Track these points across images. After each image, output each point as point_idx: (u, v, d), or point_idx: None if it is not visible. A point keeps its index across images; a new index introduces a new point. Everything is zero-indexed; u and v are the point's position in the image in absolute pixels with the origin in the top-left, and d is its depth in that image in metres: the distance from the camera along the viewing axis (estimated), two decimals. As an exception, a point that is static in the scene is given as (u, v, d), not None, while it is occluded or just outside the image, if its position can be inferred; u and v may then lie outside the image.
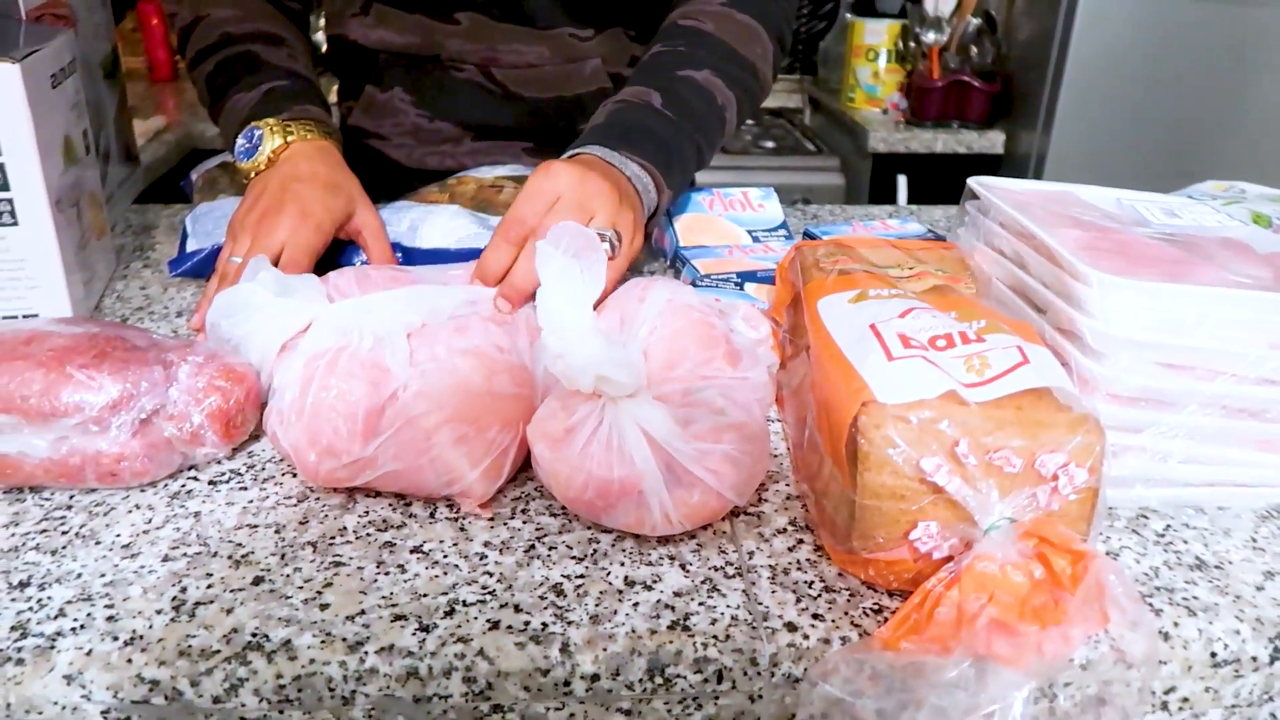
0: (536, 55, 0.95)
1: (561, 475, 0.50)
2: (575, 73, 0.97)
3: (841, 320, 0.51)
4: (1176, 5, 1.86)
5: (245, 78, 0.83)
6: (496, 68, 0.96)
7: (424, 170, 1.01)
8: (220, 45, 0.86)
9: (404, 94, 0.99)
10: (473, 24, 0.93)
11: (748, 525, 0.53)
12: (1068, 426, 0.43)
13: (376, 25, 0.96)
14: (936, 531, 0.45)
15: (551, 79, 0.97)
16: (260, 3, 0.90)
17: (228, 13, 0.87)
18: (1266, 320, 0.51)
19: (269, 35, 0.87)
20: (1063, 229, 0.59)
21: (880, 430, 0.44)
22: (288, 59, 0.86)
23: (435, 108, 0.99)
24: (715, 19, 0.82)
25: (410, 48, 0.96)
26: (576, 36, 0.96)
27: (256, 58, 0.85)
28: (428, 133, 1.00)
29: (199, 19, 0.88)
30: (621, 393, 0.50)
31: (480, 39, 0.94)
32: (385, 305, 0.56)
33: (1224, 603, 0.48)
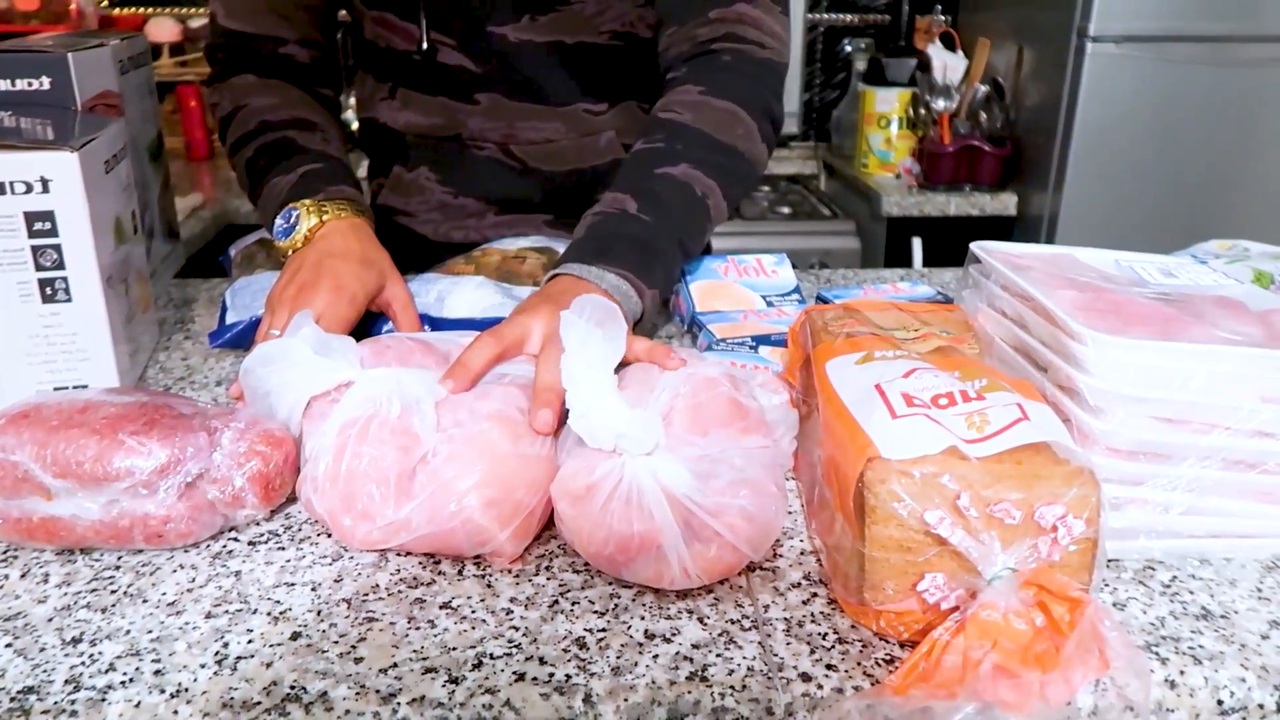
0: (553, 131, 1.00)
1: (584, 531, 0.53)
2: (590, 146, 1.02)
3: (848, 381, 0.54)
4: (1181, 69, 1.90)
5: (282, 162, 0.88)
6: (515, 144, 1.01)
7: (450, 244, 1.06)
8: (259, 132, 0.92)
9: (429, 172, 1.04)
10: (491, 104, 0.99)
11: (763, 579, 0.55)
12: (1064, 479, 0.45)
13: (403, 109, 1.02)
14: (943, 582, 0.47)
15: (568, 153, 1.02)
16: (297, 91, 0.96)
17: (266, 102, 0.94)
18: (1257, 375, 0.53)
19: (304, 121, 0.93)
20: (1060, 290, 0.61)
21: (885, 485, 0.46)
22: (321, 143, 0.91)
23: (459, 184, 1.04)
24: (692, 109, 0.83)
25: (434, 129, 1.02)
26: (590, 111, 1.00)
27: (293, 143, 0.90)
28: (453, 208, 1.05)
29: (239, 108, 0.94)
30: (640, 450, 0.53)
31: (499, 117, 0.99)
32: (413, 374, 0.60)
33: (1230, 651, 0.49)
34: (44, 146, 0.70)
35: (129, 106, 0.98)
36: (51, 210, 0.70)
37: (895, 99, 2.18)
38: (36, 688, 0.46)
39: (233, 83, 0.97)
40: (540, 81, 0.98)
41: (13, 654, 0.49)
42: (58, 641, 0.50)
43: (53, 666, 0.48)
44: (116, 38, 0.98)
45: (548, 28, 0.95)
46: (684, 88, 0.85)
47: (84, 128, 0.78)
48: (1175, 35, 1.88)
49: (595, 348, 0.55)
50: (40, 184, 0.70)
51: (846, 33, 2.57)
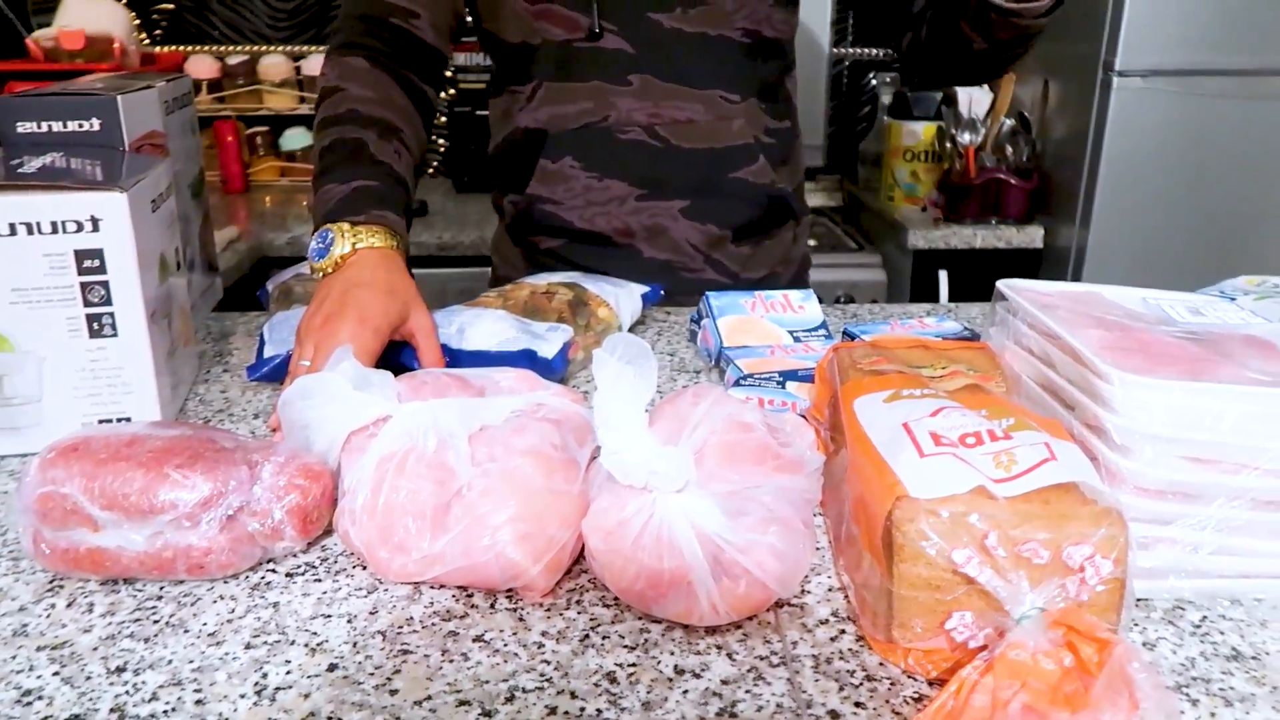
0: (694, 111, 1.10)
1: (614, 567, 0.54)
2: (724, 128, 1.12)
3: (876, 419, 0.55)
4: (1209, 103, 1.90)
5: (345, 167, 0.92)
6: (660, 124, 1.10)
7: (595, 231, 1.15)
8: (343, 120, 0.96)
9: (574, 160, 1.12)
10: (643, 84, 1.09)
11: (791, 616, 0.56)
12: (1092, 520, 0.46)
13: (542, 107, 1.11)
14: (971, 621, 0.47)
15: (706, 131, 1.11)
16: (395, 89, 1.02)
17: (363, 93, 0.99)
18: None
19: (388, 125, 0.97)
20: (1086, 329, 0.62)
21: (914, 524, 0.47)
22: (392, 154, 0.95)
23: (604, 168, 1.12)
24: None
25: (583, 114, 1.10)
26: (725, 99, 1.11)
27: (364, 148, 0.94)
28: (597, 191, 1.13)
29: (337, 89, 1.00)
30: (671, 487, 0.54)
31: (648, 97, 1.09)
32: (449, 409, 0.61)
33: (1260, 693, 0.49)
34: (94, 187, 0.73)
35: (173, 145, 1.01)
36: (100, 248, 0.73)
37: (921, 132, 2.19)
38: (83, 716, 0.48)
39: (345, 60, 1.02)
40: (687, 66, 1.08)
41: (60, 682, 0.50)
42: (103, 670, 0.51)
43: (98, 695, 0.49)
44: (162, 79, 1.01)
45: (696, 19, 1.07)
46: None
47: (132, 168, 0.80)
48: (1202, 69, 1.88)
49: (627, 385, 0.56)
50: (90, 223, 0.72)
51: (872, 67, 2.59)
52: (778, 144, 1.17)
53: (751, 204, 1.16)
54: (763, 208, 1.17)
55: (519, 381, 0.70)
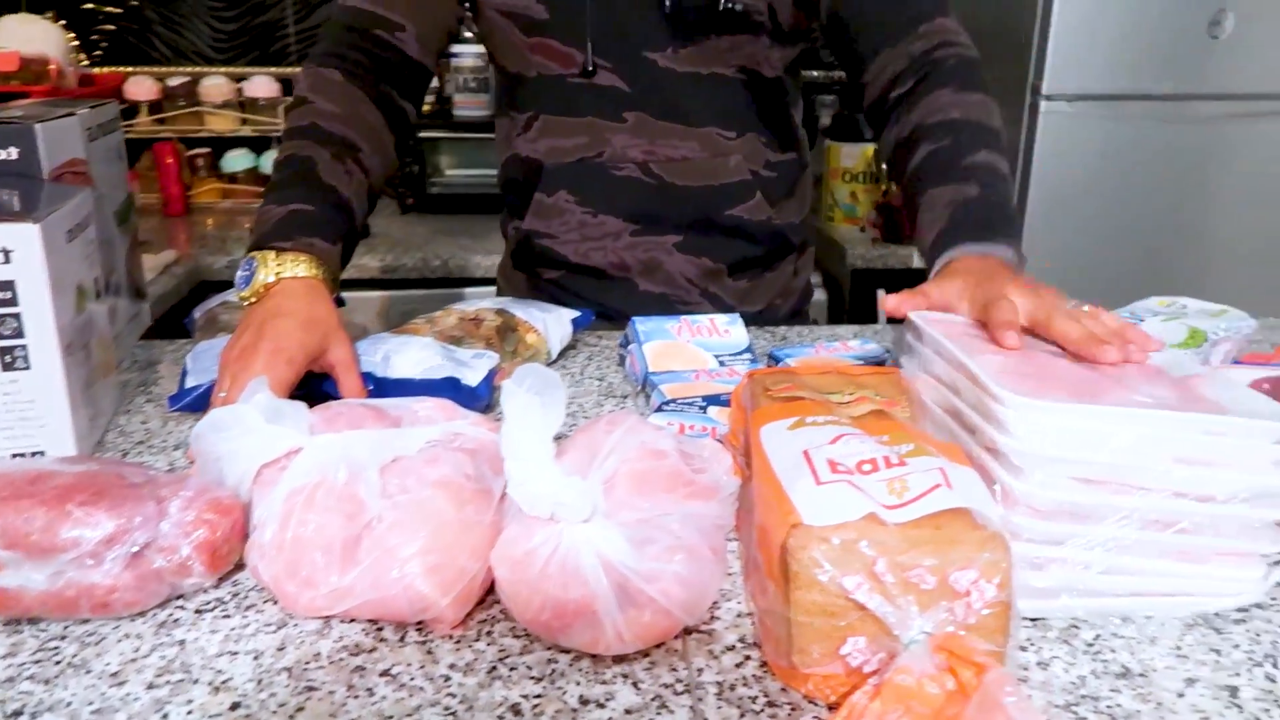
0: (689, 149, 1.11)
1: (520, 597, 0.54)
2: (721, 165, 1.12)
3: (780, 446, 0.56)
4: (1134, 126, 1.96)
5: (288, 188, 0.92)
6: (654, 161, 1.11)
7: (590, 266, 1.15)
8: (302, 135, 0.96)
9: (568, 195, 1.13)
10: (638, 121, 1.09)
11: (699, 643, 0.56)
12: (977, 544, 0.47)
13: (540, 138, 1.12)
14: (865, 646, 0.48)
15: (702, 169, 1.12)
16: (366, 104, 1.01)
17: (328, 107, 0.98)
18: (1170, 437, 0.55)
19: (346, 143, 0.97)
20: (987, 354, 0.64)
21: (806, 551, 0.48)
22: (343, 176, 0.95)
23: (598, 204, 1.13)
24: (956, 106, 0.93)
25: (578, 149, 1.11)
26: (722, 135, 1.11)
27: (314, 168, 0.93)
28: (592, 226, 1.14)
29: (306, 101, 0.99)
30: (577, 517, 0.54)
31: (642, 135, 1.10)
32: (360, 441, 0.61)
33: (1145, 710, 0.51)
34: (5, 218, 0.72)
35: (97, 171, 1.00)
36: (12, 280, 0.72)
37: (859, 154, 2.23)
38: (-26, 762, 0.47)
39: (320, 71, 1.01)
40: (681, 104, 1.09)
41: (-48, 727, 0.49)
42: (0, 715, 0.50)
43: (-9, 740, 0.49)
44: (87, 105, 1.00)
45: (688, 59, 1.07)
46: (935, 93, 0.95)
47: (51, 197, 0.79)
48: (1127, 94, 1.94)
49: (534, 416, 0.56)
50: (2, 255, 0.71)
51: (813, 89, 2.64)
52: (779, 177, 1.16)
53: (747, 240, 1.16)
54: (759, 244, 1.17)
55: (437, 411, 0.70)
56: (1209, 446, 0.55)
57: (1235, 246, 2.06)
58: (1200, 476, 0.55)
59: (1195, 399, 0.60)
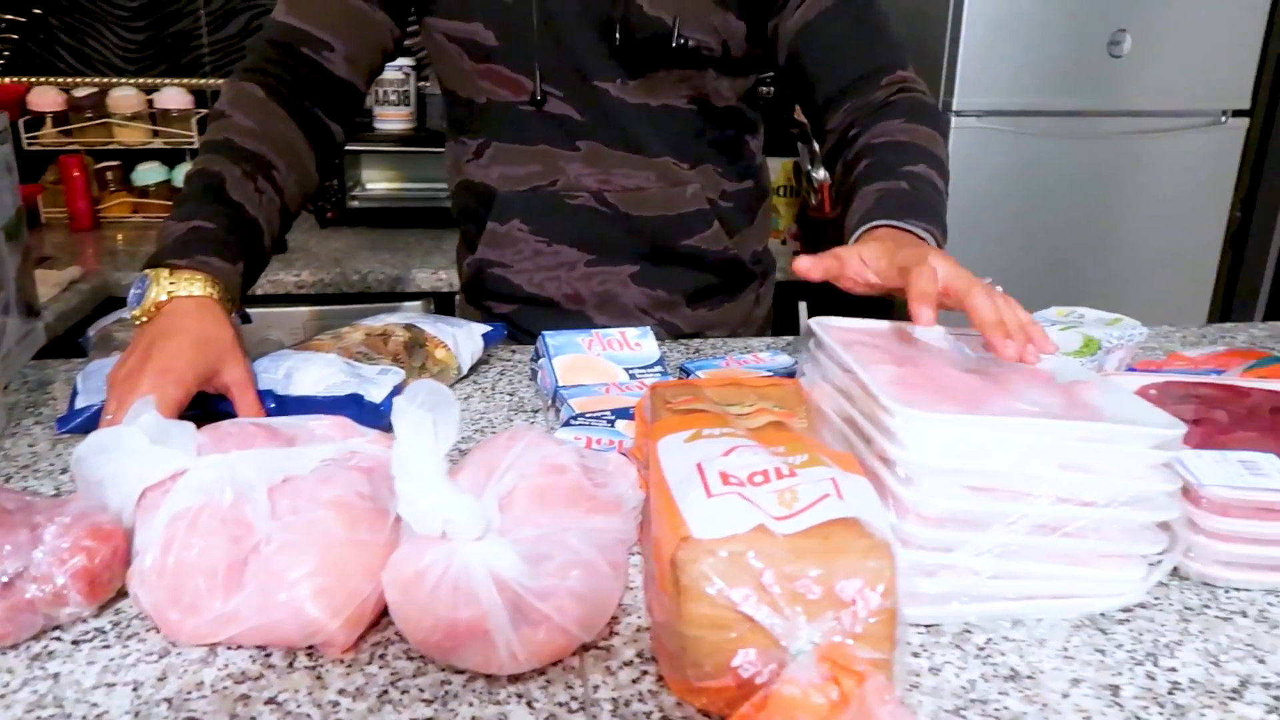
0: (644, 179, 1.09)
1: (411, 618, 0.53)
2: (678, 195, 1.11)
3: (675, 459, 0.56)
4: (1040, 142, 2.03)
5: (191, 205, 0.89)
6: (609, 191, 1.09)
7: (543, 296, 1.14)
8: (215, 148, 0.93)
9: (521, 224, 1.11)
10: (591, 150, 1.08)
11: (597, 659, 0.56)
12: (862, 553, 0.48)
13: (492, 165, 1.10)
14: (755, 657, 0.48)
15: (658, 199, 1.10)
16: (286, 121, 0.99)
17: (244, 123, 0.96)
18: (1053, 444, 0.57)
19: (261, 160, 0.94)
20: (882, 365, 0.65)
21: (696, 564, 0.47)
22: (251, 193, 0.92)
23: (552, 233, 1.11)
24: (905, 132, 0.96)
25: (531, 177, 1.09)
26: (677, 165, 1.10)
27: (221, 184, 0.91)
28: (546, 256, 1.12)
29: (223, 115, 0.97)
30: (468, 536, 0.53)
31: (597, 164, 1.08)
32: (248, 461, 0.59)
33: (1031, 711, 0.52)
34: None
35: (-17, 186, 0.96)
36: (-121, 299, 0.69)
37: (779, 168, 2.26)
38: None
39: (241, 85, 0.99)
40: (635, 134, 1.07)
41: None
42: None
43: None
44: (-30, 118, 0.96)
45: (637, 90, 1.05)
46: (887, 121, 0.97)
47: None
48: (1033, 110, 2.00)
49: (426, 433, 0.55)
50: None
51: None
52: (736, 206, 1.16)
53: (704, 270, 1.15)
54: (717, 274, 1.16)
55: (333, 429, 0.69)
56: (1090, 453, 0.57)
57: (1136, 256, 2.14)
58: (1083, 482, 0.56)
59: (1080, 406, 0.61)
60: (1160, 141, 2.07)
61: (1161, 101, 2.05)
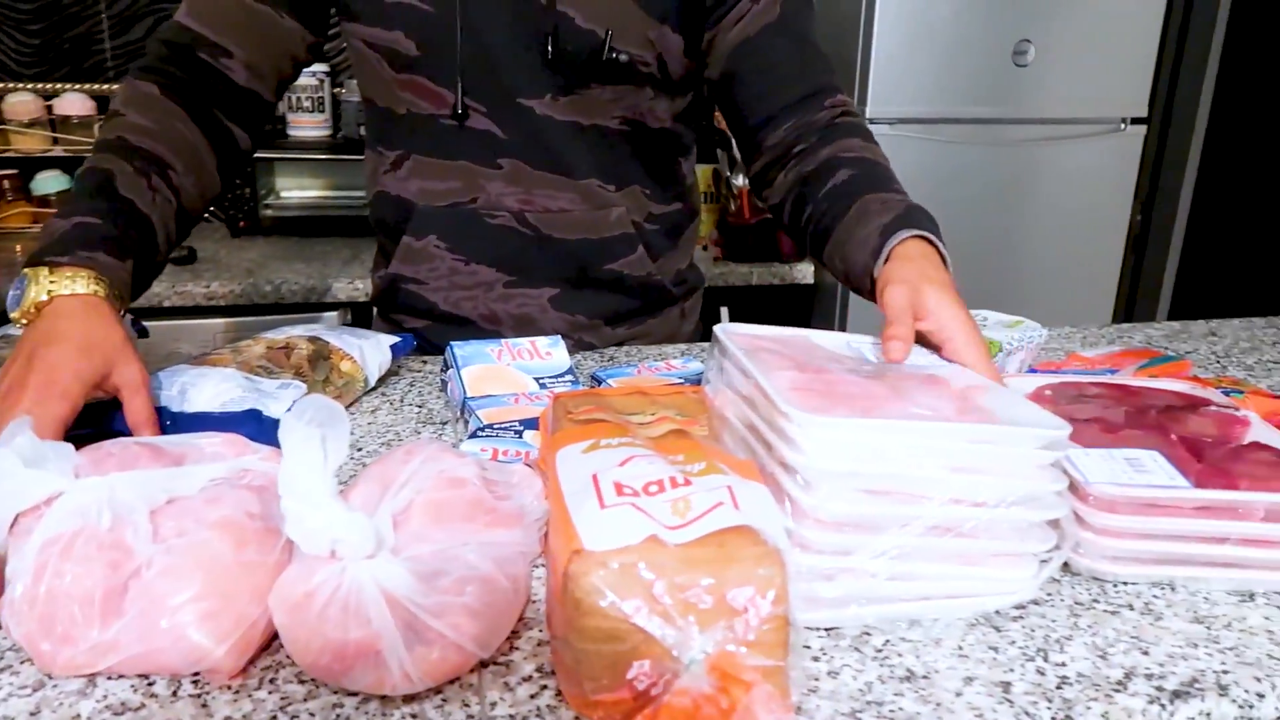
0: (568, 200, 1.07)
1: (299, 640, 0.51)
2: (603, 219, 1.09)
3: (572, 470, 0.55)
4: (952, 149, 2.08)
5: (78, 200, 0.85)
6: (531, 212, 1.07)
7: (458, 315, 1.11)
8: (106, 148, 0.90)
9: (438, 240, 1.08)
10: (513, 169, 1.05)
11: (495, 675, 0.55)
12: (753, 561, 0.48)
13: (410, 178, 1.07)
14: (649, 669, 0.48)
15: (582, 222, 1.08)
16: (184, 120, 0.95)
17: (139, 121, 0.92)
18: (945, 447, 0.57)
19: (152, 158, 0.91)
20: (782, 372, 0.65)
21: (587, 577, 0.47)
22: (144, 190, 0.88)
23: (470, 252, 1.08)
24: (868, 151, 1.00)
25: (451, 193, 1.06)
26: (603, 187, 1.08)
27: (110, 181, 0.87)
28: (464, 274, 1.09)
29: (117, 114, 0.93)
30: (358, 554, 0.52)
31: (519, 183, 1.05)
32: (129, 483, 0.57)
33: (925, 711, 0.52)
34: None
35: None
36: None
37: (701, 174, 2.27)
38: None
39: (136, 84, 0.95)
40: (560, 154, 1.05)
41: None
42: None
43: None
44: None
45: (567, 108, 1.03)
46: (847, 139, 1.00)
47: None
48: (943, 118, 2.06)
49: (313, 449, 0.54)
50: None
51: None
52: (662, 229, 1.14)
53: (626, 294, 1.13)
54: (638, 297, 1.15)
55: (225, 447, 0.66)
56: (981, 454, 0.58)
57: (1043, 260, 2.21)
58: (974, 483, 0.57)
59: (973, 410, 0.63)
60: (1064, 148, 2.14)
61: (1064, 109, 2.13)
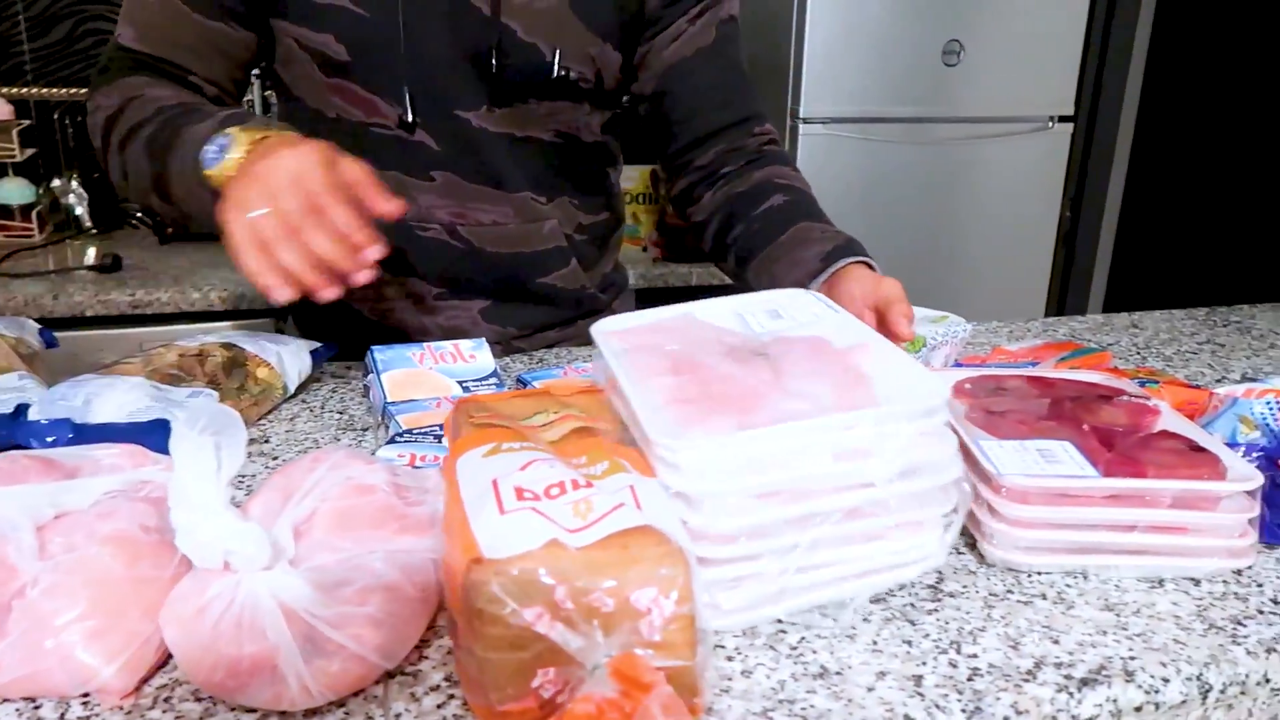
0: (501, 214, 1.05)
1: (192, 657, 0.49)
2: (535, 232, 1.07)
3: (471, 476, 0.54)
4: (883, 148, 2.10)
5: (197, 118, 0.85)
6: (463, 225, 1.04)
7: (387, 326, 1.08)
8: (158, 114, 0.88)
9: None
10: (446, 182, 1.02)
11: (402, 686, 0.54)
12: (655, 561, 0.47)
13: None
14: (554, 676, 0.47)
15: (514, 236, 1.07)
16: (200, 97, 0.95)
17: (163, 92, 0.91)
18: (823, 440, 0.55)
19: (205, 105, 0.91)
20: (658, 379, 0.63)
21: (487, 586, 0.46)
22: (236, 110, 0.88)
23: (400, 263, 1.04)
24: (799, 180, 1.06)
25: None
26: (536, 200, 1.06)
27: (200, 108, 0.87)
28: (394, 287, 1.06)
29: (133, 98, 0.91)
30: (253, 566, 0.50)
31: (451, 196, 1.03)
32: (12, 498, 0.55)
33: (836, 708, 0.52)
34: None
35: None
36: None
37: (637, 175, 2.27)
38: None
39: (125, 81, 0.93)
40: (495, 167, 1.03)
41: None
42: None
43: None
44: None
45: (503, 120, 1.02)
46: (778, 166, 1.06)
47: None
48: (876, 117, 2.08)
49: (205, 459, 0.52)
50: None
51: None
52: (591, 239, 1.13)
53: (558, 307, 1.13)
54: (570, 308, 1.14)
55: (123, 458, 0.64)
56: (860, 438, 0.56)
57: (977, 256, 2.25)
58: (858, 468, 0.55)
59: (852, 385, 0.61)
60: (994, 146, 2.17)
61: (994, 108, 2.16)
